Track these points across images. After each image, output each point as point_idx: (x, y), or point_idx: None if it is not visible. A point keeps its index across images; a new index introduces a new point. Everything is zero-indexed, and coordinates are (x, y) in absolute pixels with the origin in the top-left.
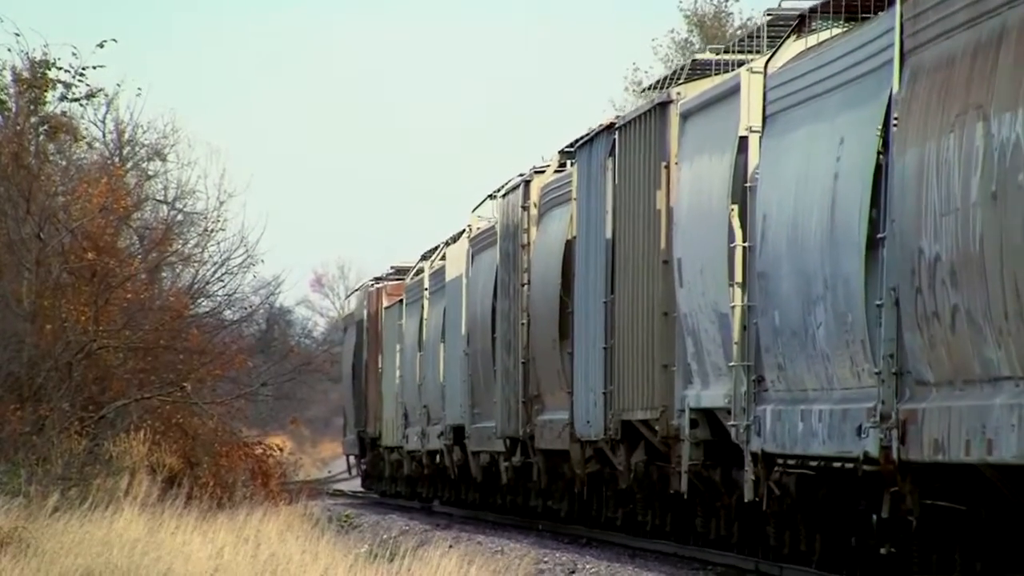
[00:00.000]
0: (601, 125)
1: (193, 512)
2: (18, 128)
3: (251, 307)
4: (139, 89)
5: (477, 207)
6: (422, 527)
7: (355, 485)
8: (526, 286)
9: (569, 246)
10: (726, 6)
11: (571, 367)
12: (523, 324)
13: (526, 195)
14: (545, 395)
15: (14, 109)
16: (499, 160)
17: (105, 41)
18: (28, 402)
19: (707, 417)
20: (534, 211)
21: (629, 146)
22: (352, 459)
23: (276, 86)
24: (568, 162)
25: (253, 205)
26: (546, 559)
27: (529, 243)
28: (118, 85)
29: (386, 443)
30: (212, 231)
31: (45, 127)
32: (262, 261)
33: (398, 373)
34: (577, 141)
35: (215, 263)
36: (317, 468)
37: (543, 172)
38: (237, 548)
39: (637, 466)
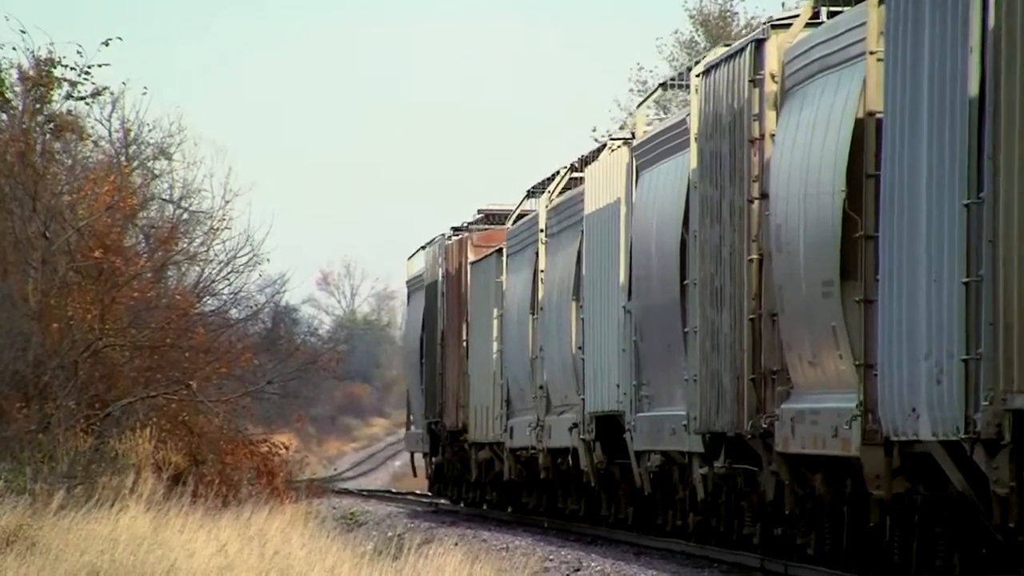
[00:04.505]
0: None
1: (199, 510)
2: (24, 127)
3: (257, 305)
4: (145, 88)
5: (644, 101)
6: (427, 524)
7: (359, 484)
8: (758, 202)
9: (859, 128)
10: (731, 5)
11: (869, 323)
12: (752, 261)
13: (758, 63)
14: (797, 369)
15: (20, 107)
16: (502, 159)
17: (110, 39)
18: (34, 400)
19: None
20: (773, 87)
21: None
22: (422, 460)
23: (282, 85)
24: (823, 10)
25: (259, 204)
26: (552, 557)
27: (764, 135)
28: (123, 84)
29: (475, 438)
30: (218, 230)
31: (51, 126)
32: (268, 260)
33: (496, 346)
34: None
35: (221, 262)
36: (323, 466)
37: (786, 27)
38: (242, 546)
39: None
